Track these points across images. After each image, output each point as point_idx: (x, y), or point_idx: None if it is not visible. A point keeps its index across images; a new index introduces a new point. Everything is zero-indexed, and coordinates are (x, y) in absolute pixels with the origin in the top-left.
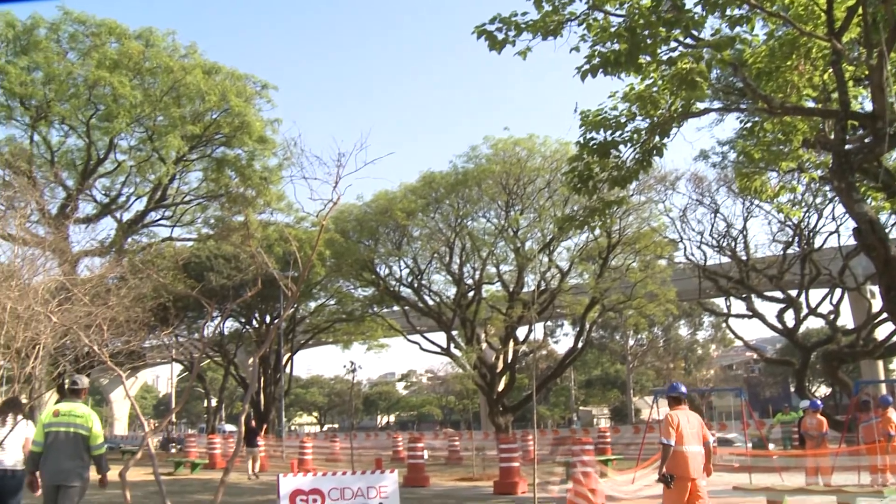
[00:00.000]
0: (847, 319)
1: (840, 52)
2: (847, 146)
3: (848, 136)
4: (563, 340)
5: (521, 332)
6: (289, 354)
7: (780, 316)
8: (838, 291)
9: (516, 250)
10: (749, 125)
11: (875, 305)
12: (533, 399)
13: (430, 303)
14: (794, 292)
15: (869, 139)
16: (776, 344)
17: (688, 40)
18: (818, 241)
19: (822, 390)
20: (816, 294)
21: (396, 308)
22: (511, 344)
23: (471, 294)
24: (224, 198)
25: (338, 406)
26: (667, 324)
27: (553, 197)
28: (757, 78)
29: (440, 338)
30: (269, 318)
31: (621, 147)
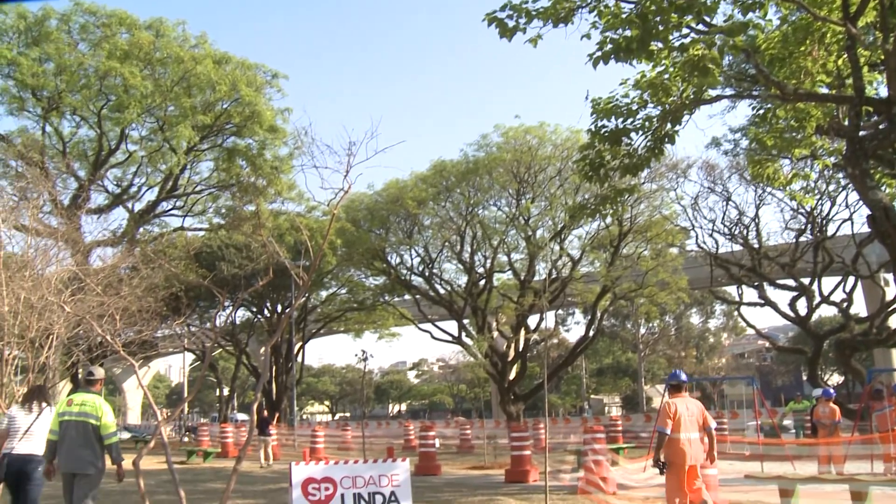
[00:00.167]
0: (860, 307)
1: (855, 37)
2: (861, 132)
3: (862, 123)
4: (575, 329)
5: (533, 320)
6: (300, 343)
7: (792, 304)
8: (851, 279)
9: (527, 239)
10: (762, 112)
11: (889, 293)
12: (544, 387)
13: (442, 291)
14: (806, 280)
15: (884, 125)
16: (788, 332)
17: (700, 26)
18: (831, 229)
19: (835, 379)
20: (829, 282)
21: (408, 297)
22: (522, 332)
23: (482, 282)
24: (235, 187)
25: (349, 395)
26: (678, 312)
27: (564, 185)
28: (770, 64)
29: (451, 326)
30: (280, 308)
31: (633, 135)
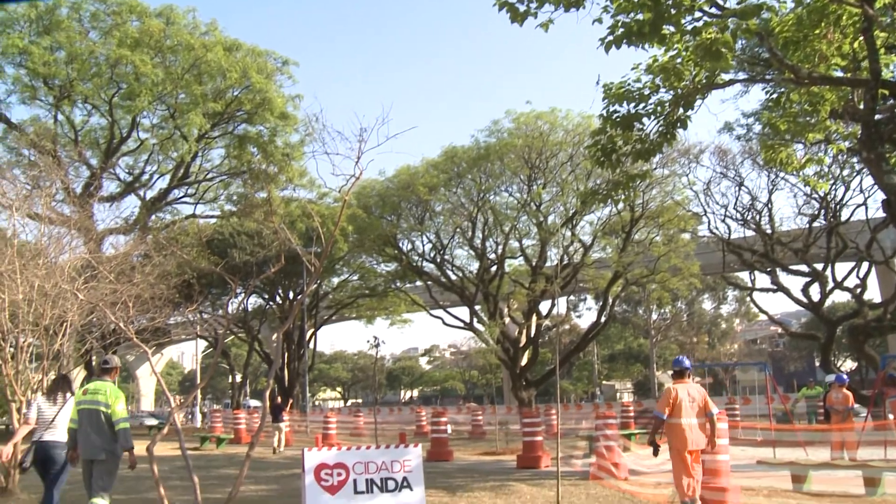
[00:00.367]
0: (874, 293)
1: (872, 19)
2: (877, 116)
3: (878, 106)
4: (586, 315)
5: (544, 306)
6: (312, 330)
7: (805, 290)
8: (865, 265)
9: (539, 224)
10: (775, 96)
11: None
12: (556, 373)
13: (453, 277)
14: (819, 266)
15: None
16: (801, 318)
17: (712, 9)
18: (845, 214)
19: (848, 365)
20: (843, 267)
21: (419, 283)
22: (534, 318)
23: (493, 269)
24: (246, 174)
25: (361, 381)
26: (690, 298)
27: (576, 171)
28: (784, 47)
29: (463, 312)
30: (292, 294)
31: (645, 120)
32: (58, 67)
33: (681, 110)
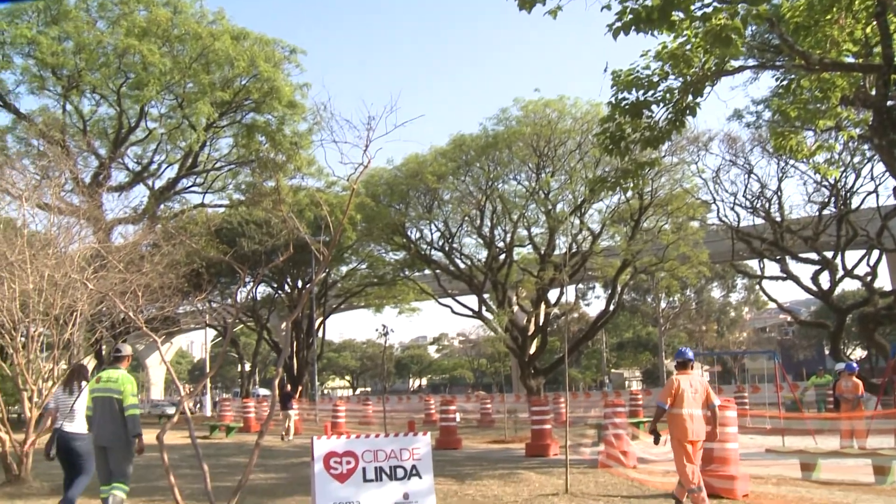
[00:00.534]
0: (884, 281)
1: (885, 3)
2: (889, 102)
3: (890, 93)
4: (595, 303)
5: (553, 294)
6: (321, 319)
7: (814, 278)
8: (875, 253)
9: (547, 213)
10: (785, 83)
11: None
12: (565, 362)
13: (462, 266)
14: (829, 254)
15: None
16: (811, 306)
17: None
18: (855, 202)
19: (858, 353)
20: (853, 255)
21: (428, 271)
22: (542, 306)
23: (502, 257)
24: (255, 163)
25: (370, 370)
26: (699, 286)
27: (584, 159)
28: (794, 33)
29: (472, 301)
30: (301, 283)
31: (654, 107)
32: (66, 57)
33: (690, 97)
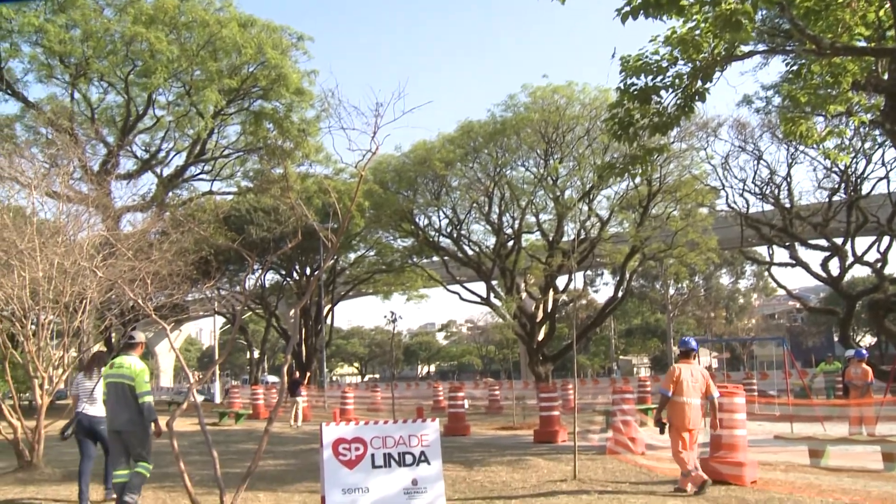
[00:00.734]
0: (895, 268)
1: None
2: None
3: None
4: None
5: (561, 281)
6: (329, 306)
7: (824, 264)
8: (886, 239)
9: (556, 199)
10: (795, 68)
11: None
12: (573, 348)
13: (470, 253)
14: (839, 240)
15: None
16: (820, 293)
17: None
18: (866, 188)
19: (868, 340)
20: (863, 242)
21: (436, 258)
22: (551, 293)
23: (510, 243)
24: (262, 151)
25: (378, 356)
26: (708, 272)
27: (592, 145)
28: (805, 17)
29: (480, 287)
30: (309, 270)
31: (662, 93)
32: (73, 45)
33: (699, 83)
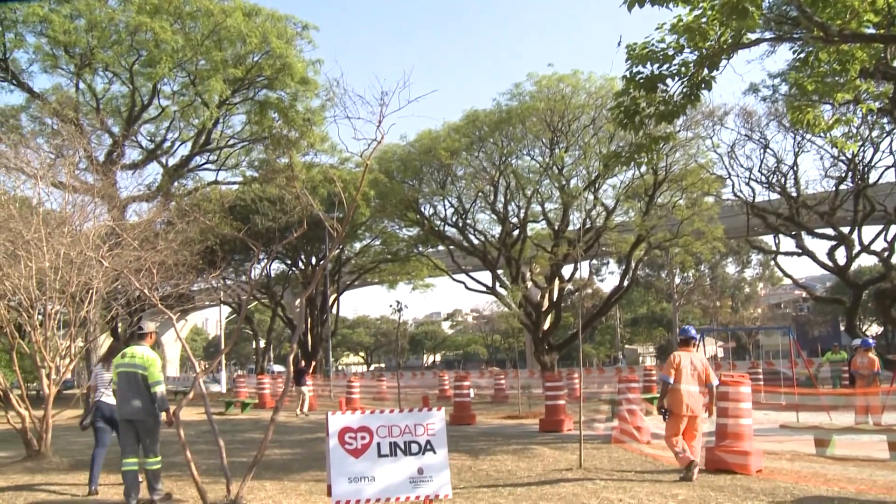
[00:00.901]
0: None
1: None
2: None
3: None
4: (609, 279)
5: (567, 270)
6: (335, 295)
7: (830, 253)
8: (893, 228)
9: (561, 188)
10: (803, 55)
11: None
12: (578, 337)
13: (475, 242)
14: (846, 229)
15: None
16: (826, 282)
17: None
18: (873, 176)
19: (874, 329)
20: (870, 231)
21: (441, 248)
22: (556, 282)
23: (516, 233)
24: (268, 140)
25: (384, 346)
26: (714, 262)
27: (598, 134)
28: (813, 4)
29: (485, 277)
30: (314, 260)
31: (668, 81)
32: (78, 35)
33: (705, 71)
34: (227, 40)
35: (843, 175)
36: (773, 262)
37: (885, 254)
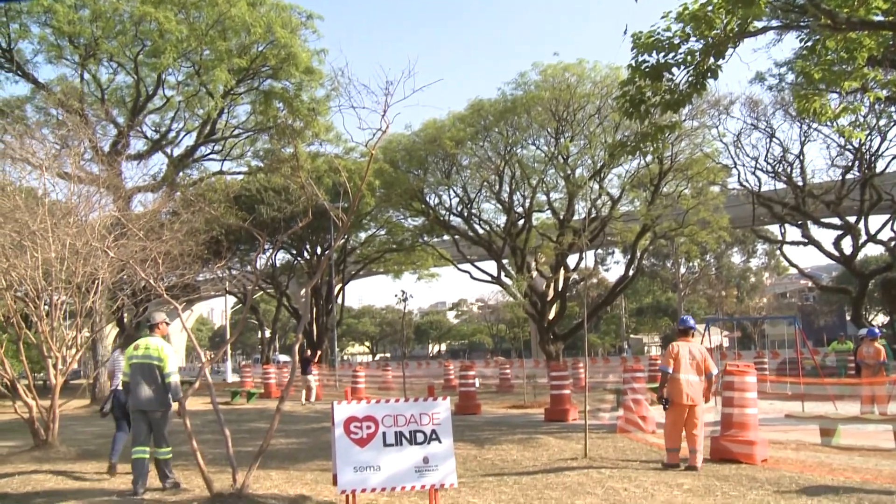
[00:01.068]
0: None
1: None
2: None
3: None
4: (614, 268)
5: (572, 259)
6: (340, 285)
7: (836, 243)
8: None
9: (566, 178)
10: (810, 44)
11: None
12: (584, 327)
13: (481, 231)
14: (852, 218)
15: None
16: (832, 272)
17: None
18: (880, 165)
19: (880, 319)
20: (876, 220)
21: (446, 237)
22: (562, 272)
23: (521, 222)
24: (272, 130)
25: (389, 335)
26: (719, 251)
27: (603, 123)
28: None
29: (490, 266)
30: (320, 250)
31: (674, 70)
32: (83, 26)
33: (711, 60)
34: (232, 30)
35: (850, 164)
36: (778, 252)
37: (892, 243)
